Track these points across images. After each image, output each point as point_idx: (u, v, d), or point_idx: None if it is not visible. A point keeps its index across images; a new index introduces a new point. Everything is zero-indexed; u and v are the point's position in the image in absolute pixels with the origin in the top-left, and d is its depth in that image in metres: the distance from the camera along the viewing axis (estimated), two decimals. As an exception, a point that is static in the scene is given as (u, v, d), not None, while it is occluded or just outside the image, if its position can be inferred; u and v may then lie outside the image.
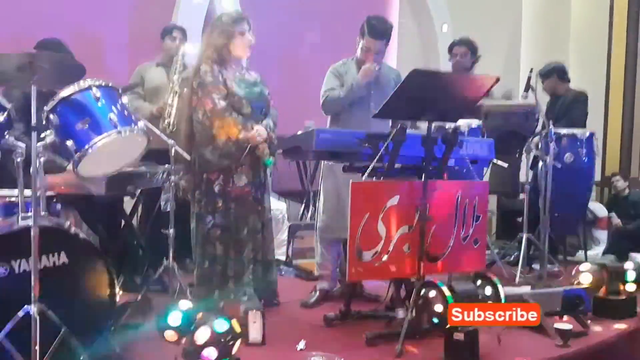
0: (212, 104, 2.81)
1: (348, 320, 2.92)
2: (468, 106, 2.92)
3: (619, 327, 2.94)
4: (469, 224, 2.90)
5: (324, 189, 3.29)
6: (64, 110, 2.24)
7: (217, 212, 2.87)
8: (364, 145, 2.69)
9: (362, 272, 2.68)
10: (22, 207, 2.25)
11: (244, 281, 2.86)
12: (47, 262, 2.18)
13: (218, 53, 2.88)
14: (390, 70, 3.43)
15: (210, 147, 2.84)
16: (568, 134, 4.11)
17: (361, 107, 3.23)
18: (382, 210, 2.66)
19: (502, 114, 3.88)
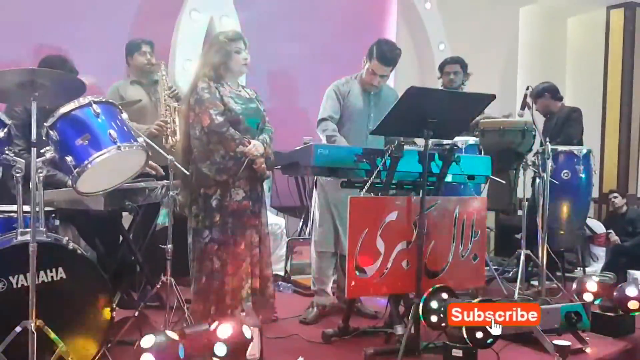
0: (209, 120, 2.84)
1: (347, 337, 2.91)
2: (464, 124, 2.95)
3: (618, 344, 2.93)
4: (467, 240, 2.91)
5: (319, 203, 3.31)
6: (64, 126, 2.25)
7: (214, 227, 2.88)
8: (361, 161, 2.71)
9: (361, 288, 2.68)
10: (21, 223, 2.25)
11: (242, 296, 2.86)
12: (45, 278, 2.18)
13: (215, 70, 2.94)
14: (389, 90, 3.47)
15: (207, 162, 2.87)
16: (565, 150, 4.14)
17: (359, 127, 3.29)
18: (381, 226, 2.67)
19: (499, 131, 3.91)
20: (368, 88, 3.35)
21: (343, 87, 3.33)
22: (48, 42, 3.91)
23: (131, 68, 3.80)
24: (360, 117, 3.30)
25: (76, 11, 4.18)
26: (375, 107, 3.33)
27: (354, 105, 3.31)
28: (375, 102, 3.35)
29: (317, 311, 3.28)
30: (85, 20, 4.19)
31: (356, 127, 3.30)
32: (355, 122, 3.30)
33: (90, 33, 4.15)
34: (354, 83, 3.36)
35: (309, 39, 3.55)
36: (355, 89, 3.34)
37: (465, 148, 3.78)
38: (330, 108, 3.29)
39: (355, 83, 3.36)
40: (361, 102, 3.33)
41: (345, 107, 3.30)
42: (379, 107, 3.31)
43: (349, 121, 3.30)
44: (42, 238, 2.23)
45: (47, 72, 2.24)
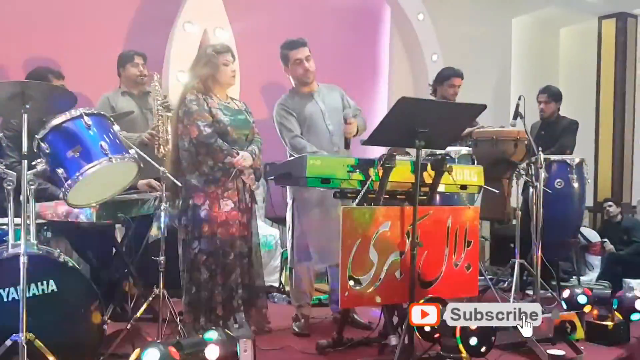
0: (197, 131, 2.86)
1: (340, 348, 2.90)
2: (456, 134, 2.96)
3: (612, 353, 2.92)
4: (460, 250, 2.91)
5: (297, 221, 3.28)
6: (55, 138, 2.26)
7: (203, 238, 2.88)
8: (354, 171, 2.72)
9: (354, 299, 2.67)
10: (12, 235, 2.24)
11: (233, 307, 2.85)
12: (35, 291, 2.17)
13: (203, 83, 2.97)
14: (327, 87, 3.46)
15: (196, 173, 2.89)
16: (558, 160, 4.16)
17: (320, 129, 3.30)
18: (374, 236, 2.67)
19: (492, 141, 3.92)
20: (306, 88, 3.35)
21: (287, 102, 3.33)
22: (41, 53, 3.92)
23: (123, 79, 3.81)
24: (316, 118, 3.30)
25: (69, 22, 4.19)
26: (324, 103, 3.34)
27: (304, 109, 3.30)
28: (321, 99, 3.36)
29: (304, 321, 3.27)
30: (78, 31, 4.20)
31: (316, 129, 3.29)
32: (313, 124, 3.29)
33: (84, 44, 4.16)
34: (293, 94, 3.37)
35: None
36: (297, 97, 3.35)
37: (458, 158, 3.79)
38: (289, 122, 3.27)
39: (294, 94, 3.37)
40: (309, 104, 3.32)
41: (300, 116, 3.29)
42: (327, 103, 3.35)
43: (306, 126, 3.29)
44: (33, 251, 2.22)
45: (37, 85, 2.25)
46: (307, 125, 3.30)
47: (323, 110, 3.33)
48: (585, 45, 7.36)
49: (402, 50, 6.22)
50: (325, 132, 3.31)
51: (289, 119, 3.28)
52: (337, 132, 3.33)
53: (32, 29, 4.04)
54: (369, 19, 5.98)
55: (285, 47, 3.33)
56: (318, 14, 5.35)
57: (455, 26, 6.30)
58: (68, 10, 4.20)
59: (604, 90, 7.26)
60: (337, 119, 3.36)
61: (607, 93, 7.24)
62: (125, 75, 3.78)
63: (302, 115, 3.30)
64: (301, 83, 3.36)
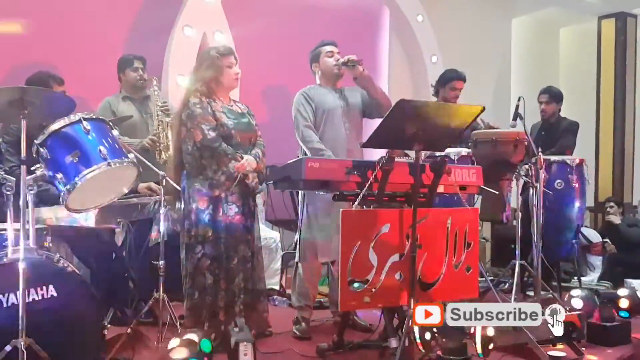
0: (202, 135, 2.85)
1: (341, 351, 2.89)
2: (455, 135, 2.95)
3: (613, 354, 2.92)
4: (460, 251, 2.91)
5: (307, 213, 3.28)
6: (54, 143, 2.27)
7: (206, 242, 2.87)
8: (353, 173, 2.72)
9: (354, 301, 2.67)
10: (11, 240, 2.25)
11: (235, 312, 2.84)
12: (35, 296, 2.17)
13: (207, 86, 2.95)
14: (352, 89, 3.45)
15: (200, 177, 2.88)
16: (558, 160, 4.15)
17: (336, 125, 3.30)
18: (374, 238, 2.66)
19: (491, 142, 3.91)
20: (331, 84, 3.36)
21: (309, 91, 3.34)
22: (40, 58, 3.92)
23: (123, 84, 3.81)
24: (334, 113, 3.30)
25: (69, 27, 4.20)
26: (345, 101, 3.35)
27: (325, 102, 3.31)
28: (342, 96, 3.37)
29: (305, 324, 3.27)
30: (78, 36, 4.21)
31: (332, 124, 3.29)
32: (331, 119, 3.29)
33: (84, 49, 4.17)
34: (318, 87, 3.39)
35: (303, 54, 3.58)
36: (322, 90, 3.36)
37: (457, 159, 3.78)
38: (305, 111, 3.27)
39: (319, 87, 3.39)
40: (331, 99, 3.33)
41: (318, 107, 3.30)
42: (348, 100, 3.36)
43: (323, 120, 3.29)
44: (32, 256, 2.22)
45: (37, 90, 2.26)
46: (325, 119, 3.29)
47: (343, 108, 3.34)
48: (585, 45, 7.36)
49: (402, 52, 6.23)
50: (342, 129, 3.31)
51: (306, 107, 3.28)
52: (353, 132, 3.33)
53: (31, 34, 4.05)
54: (368, 21, 5.98)
55: (318, 45, 3.39)
56: (317, 16, 5.35)
57: (454, 27, 6.31)
58: (68, 15, 4.21)
59: (604, 90, 7.25)
60: (356, 121, 3.37)
61: (608, 93, 7.24)
62: (125, 79, 3.78)
63: (322, 108, 3.30)
64: (328, 77, 3.37)
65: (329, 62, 3.35)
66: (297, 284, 3.37)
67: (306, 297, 3.33)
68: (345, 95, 3.40)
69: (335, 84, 3.40)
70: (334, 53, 3.35)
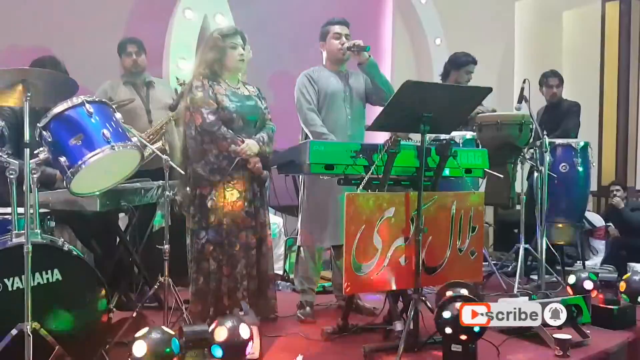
0: (201, 119, 2.82)
1: (346, 334, 2.90)
2: (461, 118, 2.93)
3: (618, 337, 2.92)
4: (465, 235, 2.90)
5: (307, 197, 3.28)
6: (57, 126, 2.24)
7: (209, 228, 2.85)
8: (358, 157, 2.70)
9: (358, 285, 2.66)
10: (15, 225, 2.24)
11: (238, 297, 2.84)
12: (40, 280, 2.17)
13: (210, 68, 2.91)
14: (357, 74, 3.42)
15: (202, 162, 2.85)
16: (563, 144, 4.13)
17: (337, 109, 3.28)
18: (378, 222, 2.65)
19: (496, 125, 3.89)
20: (336, 67, 3.33)
21: (313, 74, 3.31)
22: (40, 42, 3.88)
23: (123, 68, 3.78)
24: (336, 98, 3.28)
25: (69, 9, 4.15)
26: (349, 86, 3.33)
27: (328, 86, 3.28)
28: (347, 81, 3.34)
29: (309, 308, 3.27)
30: (78, 19, 4.16)
31: (334, 108, 3.27)
32: (333, 103, 3.27)
33: (84, 33, 4.13)
34: (322, 69, 3.36)
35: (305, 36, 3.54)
36: (325, 73, 3.33)
37: (462, 143, 3.76)
38: (308, 93, 3.24)
39: (323, 69, 3.36)
40: (334, 82, 3.31)
41: (320, 90, 3.27)
42: (352, 87, 3.33)
43: (325, 103, 3.27)
44: (37, 240, 2.21)
45: (39, 72, 2.22)
46: (327, 103, 3.27)
47: (347, 92, 3.31)
48: (589, 28, 7.28)
49: (405, 34, 6.18)
50: (343, 114, 3.29)
51: (309, 90, 3.25)
52: (354, 117, 3.31)
53: (31, 16, 4.00)
54: (372, 3, 5.92)
55: (328, 23, 3.34)
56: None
57: (458, 10, 6.25)
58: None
59: (607, 73, 7.19)
60: (358, 106, 3.35)
61: (611, 76, 7.17)
62: (122, 65, 3.75)
63: (324, 91, 3.27)
64: (333, 60, 3.33)
65: (334, 44, 3.31)
66: (299, 268, 3.37)
67: (309, 281, 3.33)
68: (349, 79, 3.36)
69: (340, 66, 3.36)
70: (342, 35, 3.30)
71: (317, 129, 3.19)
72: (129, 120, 3.42)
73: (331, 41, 3.31)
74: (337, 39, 3.29)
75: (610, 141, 7.13)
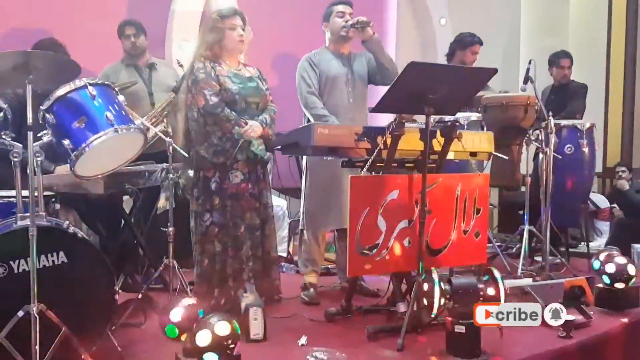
0: (204, 101, 2.81)
1: (349, 316, 2.92)
2: (466, 99, 2.90)
3: (622, 318, 2.93)
4: (469, 217, 2.90)
5: (310, 180, 3.27)
6: (60, 109, 2.22)
7: (214, 210, 2.86)
8: (362, 139, 2.69)
9: (362, 267, 2.68)
10: (20, 207, 2.24)
11: (243, 279, 2.86)
12: (46, 262, 2.17)
13: (210, 50, 2.90)
14: (360, 54, 3.40)
15: (205, 144, 2.85)
16: (568, 125, 4.10)
17: (339, 92, 3.26)
18: (382, 204, 2.65)
19: (502, 107, 3.86)
20: (339, 47, 3.31)
21: (314, 57, 3.29)
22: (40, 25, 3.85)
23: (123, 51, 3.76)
24: (338, 81, 3.26)
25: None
26: (351, 69, 3.30)
27: (329, 69, 3.26)
28: (349, 63, 3.32)
29: (313, 290, 3.28)
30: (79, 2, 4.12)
31: (336, 92, 3.25)
32: (334, 86, 3.26)
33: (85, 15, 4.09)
34: (324, 51, 3.34)
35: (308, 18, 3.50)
36: (327, 56, 3.31)
37: (467, 124, 3.74)
38: (308, 77, 3.22)
39: (325, 51, 3.34)
40: (336, 65, 3.28)
41: (322, 73, 3.25)
42: (355, 70, 3.31)
43: (327, 86, 3.25)
44: (42, 222, 2.22)
45: (41, 55, 2.21)
46: (329, 86, 3.25)
47: (348, 76, 3.29)
48: (596, 7, 7.19)
49: (410, 14, 6.11)
50: (345, 97, 3.27)
51: (310, 73, 3.23)
52: (356, 100, 3.29)
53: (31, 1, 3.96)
54: (376, -17, 5.84)
55: (332, 4, 3.32)
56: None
57: (463, -11, 6.16)
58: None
59: (614, 54, 7.12)
60: (360, 89, 3.33)
61: (618, 56, 7.10)
62: (123, 47, 3.72)
63: (326, 75, 3.25)
64: (336, 40, 3.31)
65: (337, 22, 3.28)
66: (303, 250, 3.38)
67: (313, 263, 3.34)
68: (352, 62, 3.34)
69: (343, 47, 3.33)
70: (345, 14, 3.27)
71: (317, 112, 3.17)
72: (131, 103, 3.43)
73: (334, 19, 3.28)
74: (341, 17, 3.26)
75: (616, 122, 7.08)
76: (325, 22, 3.34)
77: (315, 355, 2.36)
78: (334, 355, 2.39)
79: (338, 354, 2.40)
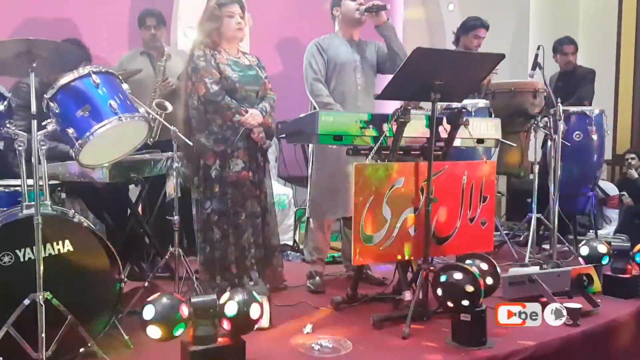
0: (205, 89, 2.80)
1: (355, 304, 2.92)
2: (473, 85, 2.87)
3: (630, 306, 2.91)
4: (475, 205, 2.87)
5: (316, 169, 3.26)
6: (64, 98, 2.22)
7: (214, 198, 2.87)
8: (367, 127, 2.67)
9: (368, 255, 2.67)
10: (25, 196, 2.25)
11: (246, 265, 2.86)
12: (51, 251, 2.18)
13: (210, 38, 2.89)
14: (369, 42, 3.36)
15: (205, 132, 2.85)
16: (577, 111, 4.05)
17: (347, 78, 3.23)
18: (387, 192, 2.64)
19: (510, 93, 3.82)
20: (349, 33, 3.28)
21: (323, 42, 3.25)
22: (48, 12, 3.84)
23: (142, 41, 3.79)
24: (346, 67, 3.23)
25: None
26: (360, 55, 3.27)
27: (338, 55, 3.23)
28: (358, 50, 3.29)
29: (319, 278, 3.28)
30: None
31: (344, 78, 3.22)
32: (343, 73, 3.22)
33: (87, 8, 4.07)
34: (334, 37, 3.30)
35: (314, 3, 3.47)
36: (336, 41, 3.28)
37: (475, 111, 3.70)
38: (316, 63, 3.19)
39: (335, 37, 3.30)
40: (345, 51, 3.25)
41: (330, 59, 3.22)
42: (363, 54, 3.27)
43: (335, 73, 3.22)
44: (47, 211, 2.23)
45: (44, 43, 2.19)
46: (337, 73, 3.22)
47: (357, 63, 3.25)
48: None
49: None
50: (353, 84, 3.24)
51: (318, 60, 3.20)
52: (364, 88, 3.26)
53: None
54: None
55: None
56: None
57: (472, -26, 6.07)
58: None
59: (624, 39, 7.00)
60: (369, 77, 3.30)
61: (628, 42, 6.99)
62: (141, 37, 3.76)
63: (334, 61, 3.22)
64: (348, 23, 3.27)
65: (350, 5, 3.23)
66: (309, 238, 3.38)
67: (318, 252, 3.34)
68: (361, 48, 3.30)
69: (353, 32, 3.29)
70: None
71: (322, 99, 3.14)
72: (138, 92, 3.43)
73: (346, 2, 3.24)
74: (354, 0, 3.21)
75: (626, 108, 6.99)
76: (336, 6, 3.29)
77: (320, 344, 2.37)
78: (339, 343, 2.39)
79: (343, 342, 2.41)
